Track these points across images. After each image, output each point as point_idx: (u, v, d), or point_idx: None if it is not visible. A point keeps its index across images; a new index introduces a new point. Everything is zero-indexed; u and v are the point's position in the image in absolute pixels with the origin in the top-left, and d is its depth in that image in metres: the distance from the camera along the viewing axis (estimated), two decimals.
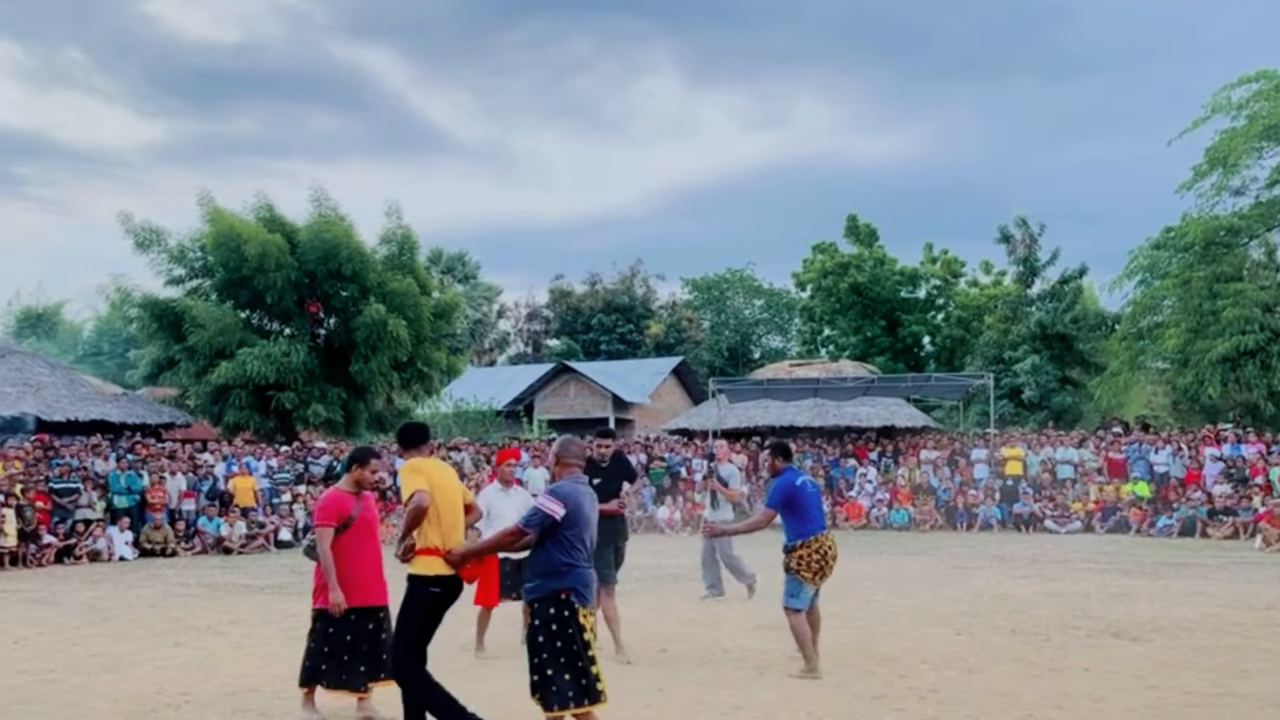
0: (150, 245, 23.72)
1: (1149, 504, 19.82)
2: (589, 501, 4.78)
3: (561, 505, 4.59)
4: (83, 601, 11.31)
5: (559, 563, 4.60)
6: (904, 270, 39.86)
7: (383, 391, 24.28)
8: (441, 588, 4.93)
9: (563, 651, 4.53)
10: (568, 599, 4.58)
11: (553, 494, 4.67)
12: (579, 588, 4.61)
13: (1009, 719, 5.56)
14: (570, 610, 4.57)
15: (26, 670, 7.30)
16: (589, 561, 4.73)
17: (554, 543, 4.60)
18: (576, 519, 4.63)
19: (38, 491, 16.04)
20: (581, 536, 4.66)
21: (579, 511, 4.65)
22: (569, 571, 4.61)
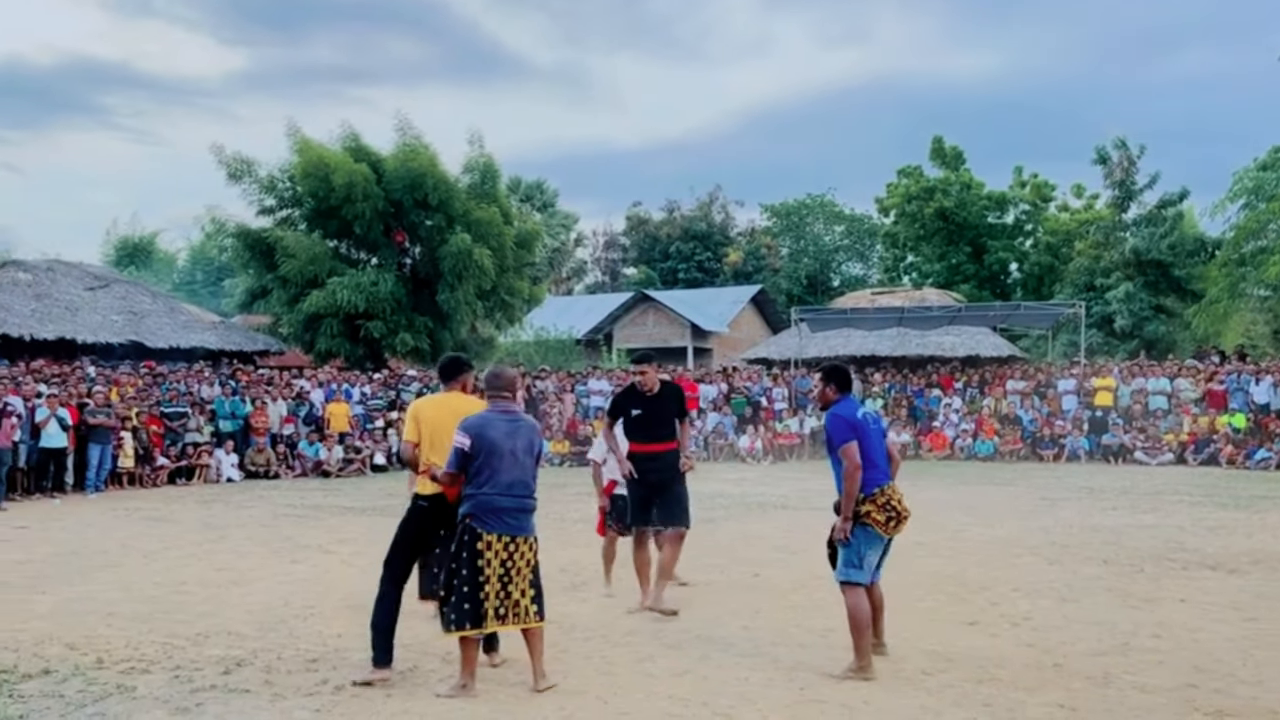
0: (242, 176, 24.16)
1: (1246, 436, 19.21)
2: (500, 430, 4.87)
3: (466, 437, 4.80)
4: (199, 520, 12.05)
5: (466, 491, 4.83)
6: (991, 195, 38.53)
7: (467, 320, 24.71)
8: (429, 503, 5.15)
9: (457, 574, 4.74)
10: (469, 524, 4.78)
11: (460, 427, 4.85)
12: (479, 514, 4.78)
13: (1105, 647, 5.61)
14: (470, 535, 4.77)
15: (161, 582, 7.89)
16: (505, 488, 4.81)
17: (469, 472, 4.82)
18: (480, 447, 4.79)
19: (150, 415, 16.96)
20: (489, 463, 4.80)
21: (482, 440, 4.79)
22: (470, 498, 4.81)
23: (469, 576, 4.74)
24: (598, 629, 6.19)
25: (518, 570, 4.83)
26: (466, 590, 4.72)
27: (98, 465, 15.25)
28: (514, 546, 4.82)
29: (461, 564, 4.76)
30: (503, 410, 5.00)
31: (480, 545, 4.77)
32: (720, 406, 22.35)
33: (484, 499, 4.80)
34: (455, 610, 4.74)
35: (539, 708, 4.62)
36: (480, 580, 4.73)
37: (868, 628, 5.16)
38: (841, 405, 5.44)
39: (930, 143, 38.73)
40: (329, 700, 4.74)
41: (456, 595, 4.74)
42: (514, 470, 4.86)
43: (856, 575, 5.19)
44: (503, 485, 4.81)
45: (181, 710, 4.58)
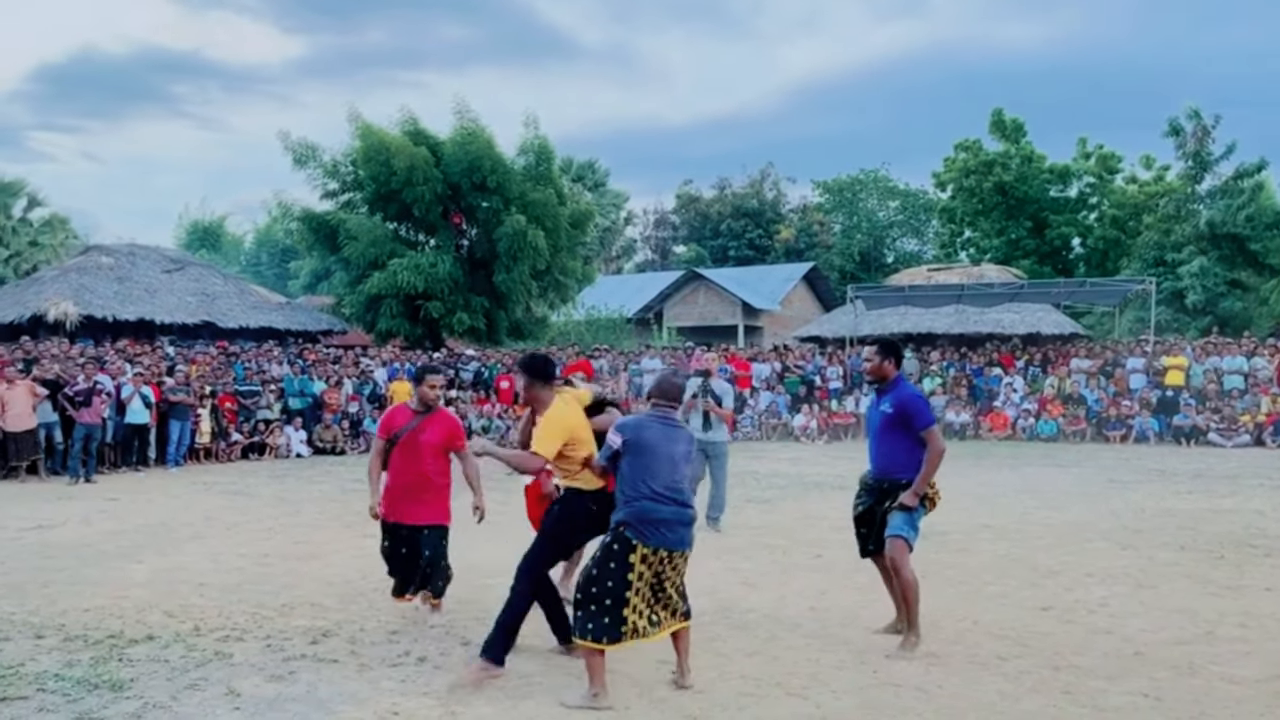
0: (306, 161, 24.62)
1: None
2: (657, 433, 4.55)
3: (619, 436, 4.55)
4: (273, 494, 12.44)
5: (622, 492, 4.51)
6: (1053, 167, 37.54)
7: (523, 300, 24.95)
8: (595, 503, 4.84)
9: (600, 583, 4.39)
10: (623, 533, 4.43)
11: (617, 426, 4.63)
12: (636, 523, 4.41)
13: (1188, 635, 5.52)
14: (622, 544, 4.41)
15: (245, 554, 8.19)
16: (662, 495, 4.46)
17: (622, 473, 4.53)
18: (639, 451, 4.49)
19: (225, 393, 17.51)
20: (646, 467, 4.46)
21: (638, 441, 4.50)
22: (626, 505, 4.47)
23: (615, 588, 4.37)
24: None
25: (670, 581, 4.52)
26: (609, 603, 4.36)
27: (178, 440, 15.84)
28: (669, 560, 4.48)
29: (608, 573, 4.39)
30: (662, 416, 4.69)
31: (633, 557, 4.40)
32: (774, 385, 22.29)
33: (641, 508, 4.45)
34: (593, 620, 4.38)
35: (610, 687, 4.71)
36: (626, 594, 4.37)
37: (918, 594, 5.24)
38: (909, 384, 5.54)
39: (989, 115, 37.87)
40: (413, 671, 4.91)
41: (596, 605, 4.38)
42: (671, 476, 4.53)
43: (915, 538, 5.27)
44: (659, 492, 4.47)
45: (277, 678, 4.78)
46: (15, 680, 4.72)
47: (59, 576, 7.23)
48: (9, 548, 8.51)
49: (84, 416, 14.02)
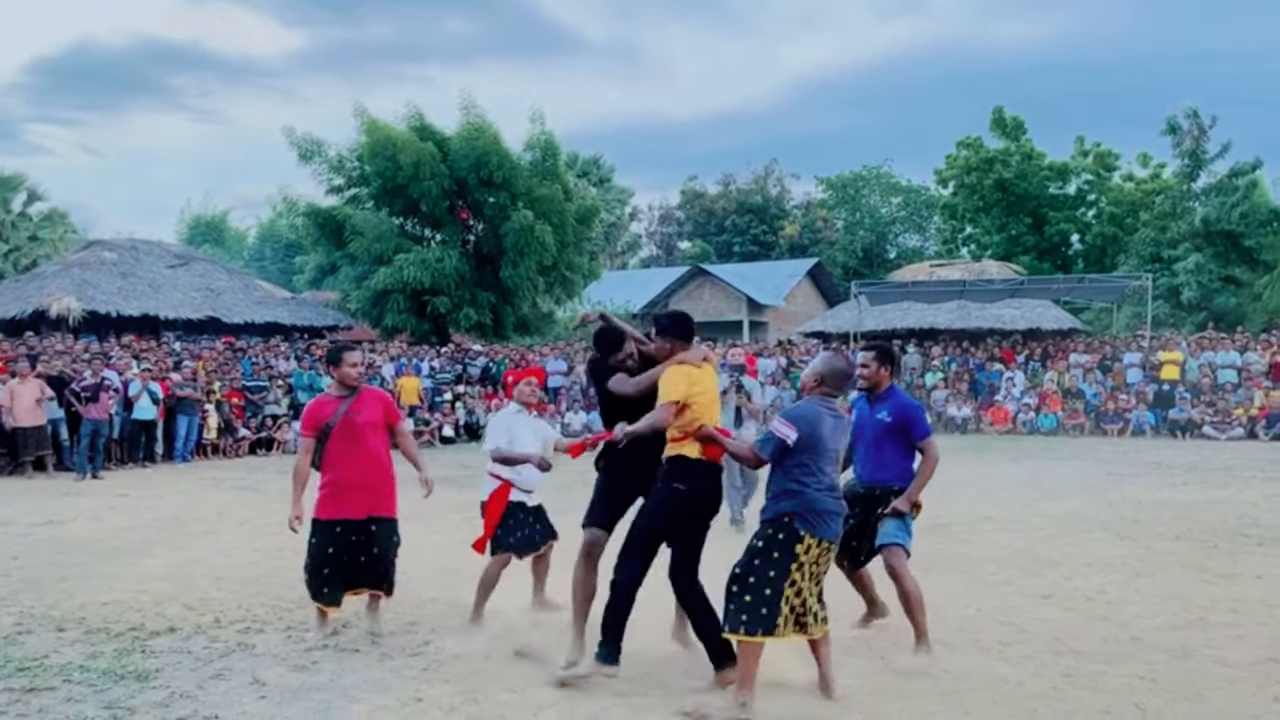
0: (312, 156, 24.69)
1: None
2: (828, 426, 4.45)
3: (793, 429, 4.38)
4: (282, 489, 12.36)
5: (791, 483, 4.39)
6: (1053, 165, 37.70)
7: (529, 296, 25.05)
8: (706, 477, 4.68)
9: (760, 573, 4.31)
10: (790, 523, 4.36)
11: (787, 416, 4.49)
12: (806, 514, 4.35)
13: (1182, 621, 5.69)
14: (789, 534, 4.34)
15: (259, 548, 8.33)
16: (829, 489, 4.41)
17: (789, 464, 4.41)
18: (811, 443, 4.40)
19: (232, 389, 17.63)
20: (816, 460, 4.40)
21: (812, 436, 4.39)
22: (793, 495, 4.37)
23: (775, 579, 4.28)
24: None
25: (819, 576, 4.46)
26: (768, 593, 4.27)
27: (185, 436, 15.95)
28: (826, 552, 4.44)
29: (770, 563, 4.31)
30: (830, 407, 4.55)
31: (799, 548, 4.33)
32: (779, 380, 22.42)
33: (811, 498, 4.36)
34: (747, 611, 4.26)
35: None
36: (784, 586, 4.29)
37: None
38: (904, 393, 5.48)
39: (990, 113, 38.00)
40: (433, 660, 5.06)
41: (753, 595, 4.27)
42: (833, 467, 4.48)
43: (910, 544, 5.19)
44: (826, 485, 4.40)
45: (300, 668, 4.93)
46: (41, 672, 4.86)
47: (75, 571, 7.36)
48: (22, 543, 8.63)
49: (91, 412, 14.05)
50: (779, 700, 4.41)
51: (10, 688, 4.59)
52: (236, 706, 4.35)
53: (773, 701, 4.37)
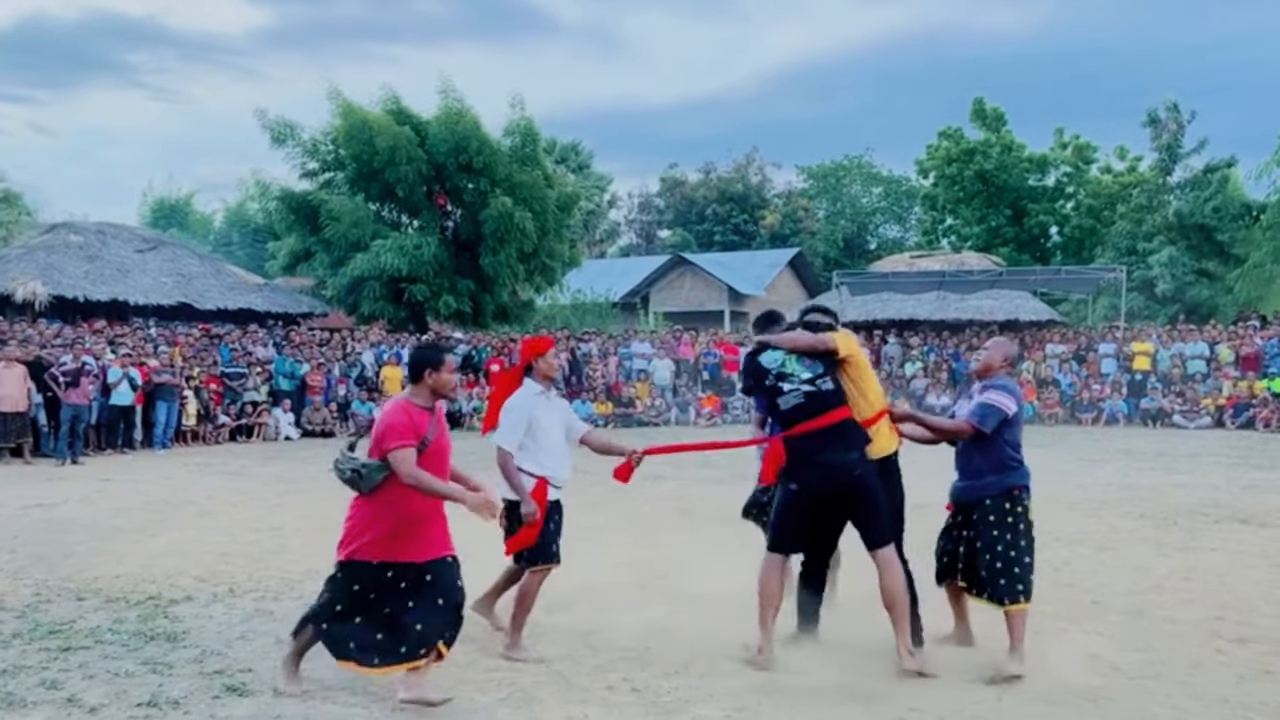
0: (285, 139, 24.32)
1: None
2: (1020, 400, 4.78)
3: (1013, 400, 4.67)
4: (270, 474, 12.75)
5: (1009, 458, 4.68)
6: (1032, 157, 38.31)
7: (509, 283, 24.95)
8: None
9: (1017, 545, 4.61)
10: (1020, 495, 4.70)
11: (1004, 390, 4.69)
12: (1028, 485, 4.76)
13: (1139, 588, 6.12)
14: (1023, 507, 4.71)
15: (258, 528, 8.56)
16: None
17: (1003, 438, 4.66)
18: (1018, 418, 4.76)
19: (210, 375, 17.68)
20: (1017, 436, 4.77)
21: (1020, 410, 4.76)
22: (1015, 469, 4.71)
23: (1027, 547, 4.67)
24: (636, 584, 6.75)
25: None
26: (1028, 561, 4.65)
27: (165, 423, 15.95)
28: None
29: (1019, 535, 4.66)
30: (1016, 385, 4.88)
31: (1031, 517, 4.75)
32: None
33: (1026, 471, 4.76)
34: (1023, 582, 4.61)
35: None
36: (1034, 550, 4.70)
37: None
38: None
39: (971, 104, 38.54)
40: None
41: (1021, 566, 4.61)
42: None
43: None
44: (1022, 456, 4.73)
45: None
46: (72, 634, 5.11)
47: (80, 549, 7.55)
48: (17, 524, 8.71)
49: (71, 397, 13.98)
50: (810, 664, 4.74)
51: (46, 648, 4.84)
52: (267, 662, 4.63)
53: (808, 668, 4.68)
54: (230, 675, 4.46)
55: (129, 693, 4.24)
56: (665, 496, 10.36)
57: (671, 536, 7.94)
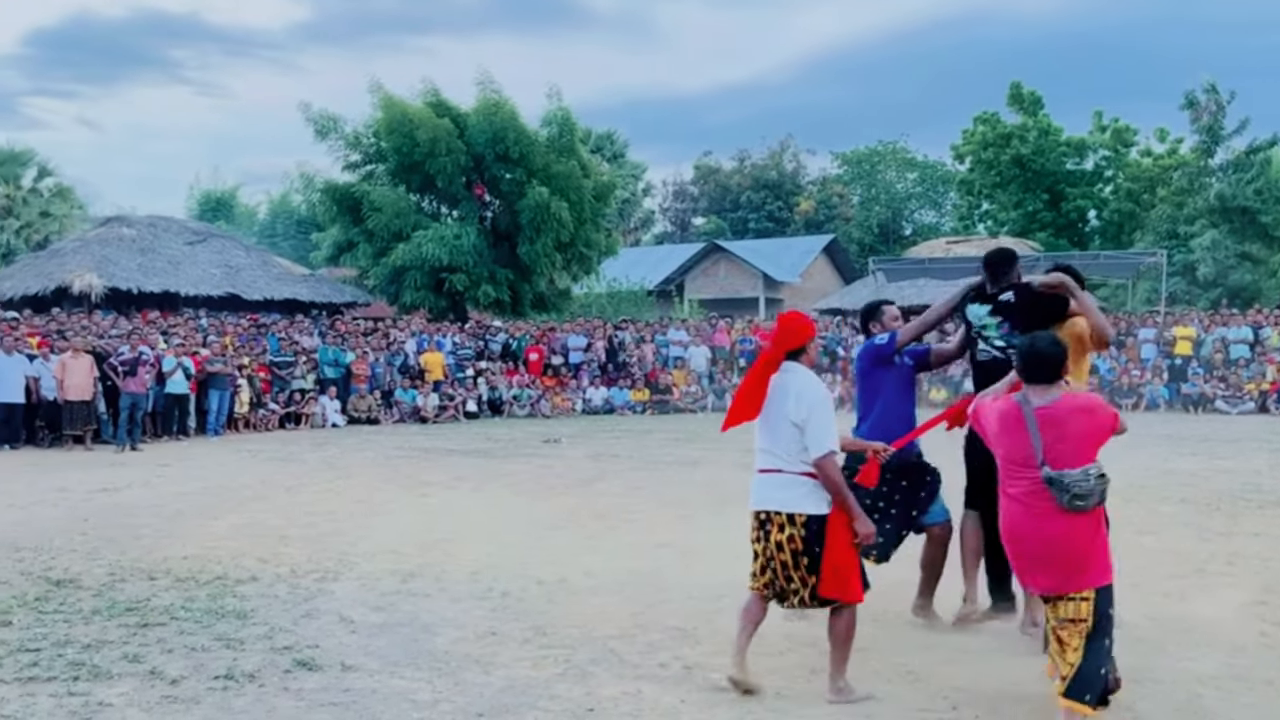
0: (328, 132, 24.87)
1: None
2: None
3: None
4: (320, 460, 13.09)
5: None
6: (1070, 141, 37.77)
7: (547, 272, 25.20)
8: None
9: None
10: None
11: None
12: None
13: (1180, 571, 6.17)
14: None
15: (313, 511, 8.85)
16: None
17: None
18: None
19: (260, 364, 18.15)
20: None
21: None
22: None
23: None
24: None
25: None
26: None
27: (217, 410, 16.47)
28: None
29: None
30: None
31: None
32: None
33: None
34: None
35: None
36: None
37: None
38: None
39: (1008, 88, 38.06)
40: (499, 602, 5.59)
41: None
42: None
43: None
44: None
45: (379, 608, 5.46)
46: (148, 611, 5.40)
47: (147, 531, 7.89)
48: (86, 507, 9.11)
49: (130, 386, 14.44)
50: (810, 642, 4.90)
51: (125, 624, 5.13)
52: (332, 639, 4.87)
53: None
54: (299, 651, 4.69)
55: (206, 666, 4.49)
56: (704, 482, 10.51)
57: (711, 521, 8.10)
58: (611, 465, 12.18)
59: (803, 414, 3.99)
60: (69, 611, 5.40)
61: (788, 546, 4.01)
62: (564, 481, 10.71)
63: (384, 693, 4.17)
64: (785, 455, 4.04)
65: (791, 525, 3.99)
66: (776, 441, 4.07)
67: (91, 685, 4.25)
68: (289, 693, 4.18)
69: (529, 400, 20.61)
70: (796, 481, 4.01)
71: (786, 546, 4.01)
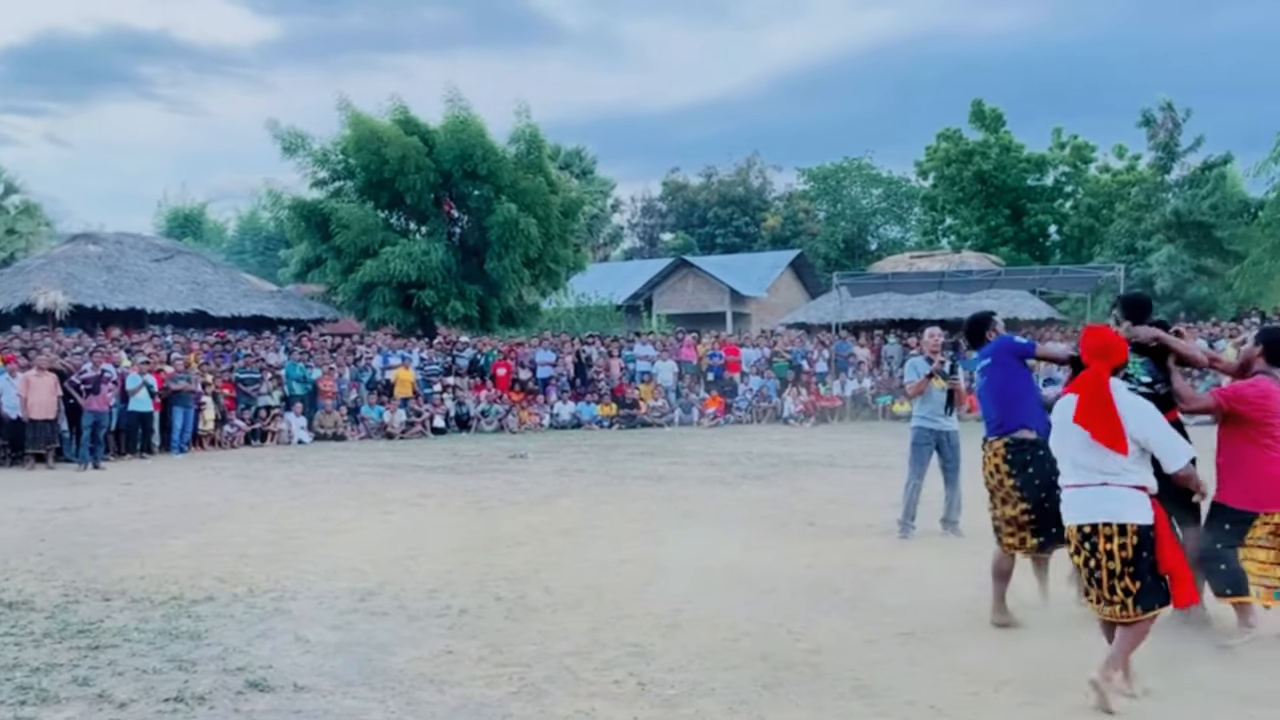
0: (296, 149, 24.87)
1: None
2: None
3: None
4: (285, 478, 12.98)
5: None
6: (1030, 157, 38.47)
7: (515, 288, 25.28)
8: None
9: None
10: None
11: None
12: None
13: None
14: None
15: (274, 530, 8.78)
16: None
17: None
18: None
19: (224, 380, 17.98)
20: None
21: None
22: None
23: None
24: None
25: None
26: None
27: (181, 428, 16.31)
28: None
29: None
30: None
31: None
32: (763, 370, 23.00)
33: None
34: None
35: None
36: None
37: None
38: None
39: (970, 105, 38.69)
40: (457, 620, 5.57)
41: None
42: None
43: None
44: None
45: (337, 627, 5.42)
46: (100, 633, 5.33)
47: (103, 551, 7.79)
48: (45, 527, 9.02)
49: (92, 404, 14.35)
50: (777, 642, 4.95)
51: (77, 646, 5.06)
52: (287, 659, 4.84)
53: (774, 642, 4.90)
54: (252, 671, 4.66)
55: (156, 689, 4.44)
56: (668, 497, 10.56)
57: (675, 536, 8.15)
58: (577, 480, 12.19)
59: (1145, 432, 4.16)
60: (20, 634, 5.32)
61: (1118, 555, 4.12)
62: (529, 497, 10.70)
63: (336, 713, 4.15)
64: (1114, 469, 4.15)
65: (1122, 535, 4.11)
66: (1104, 457, 4.16)
67: (38, 710, 4.20)
68: (239, 714, 4.15)
69: (497, 415, 20.56)
70: (1125, 494, 4.13)
71: (1117, 555, 4.12)
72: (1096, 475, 4.18)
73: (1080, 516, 4.21)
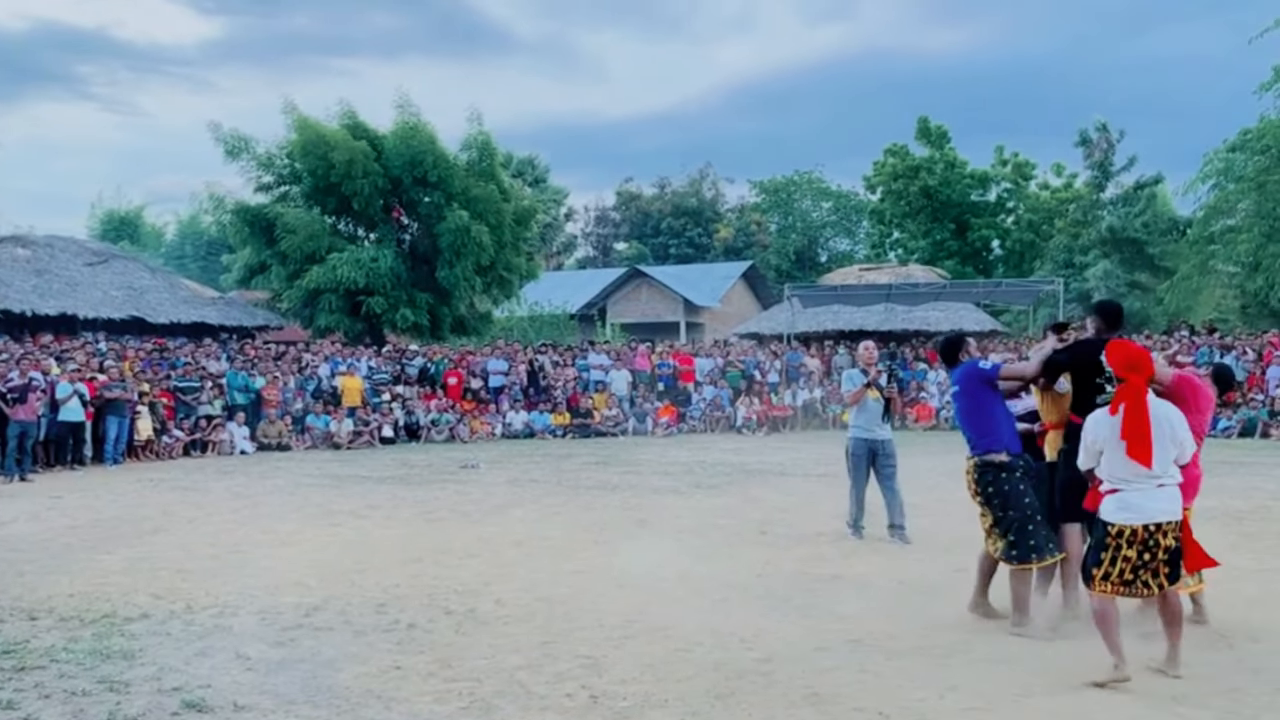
0: (239, 153, 24.28)
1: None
2: None
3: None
4: (226, 489, 12.61)
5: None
6: (974, 173, 39.40)
7: (466, 296, 25.03)
8: None
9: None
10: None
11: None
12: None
13: None
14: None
15: (215, 544, 8.50)
16: None
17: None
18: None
19: (162, 389, 17.45)
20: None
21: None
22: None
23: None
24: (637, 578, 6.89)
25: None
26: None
27: (115, 438, 15.73)
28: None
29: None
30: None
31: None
32: (716, 380, 23.06)
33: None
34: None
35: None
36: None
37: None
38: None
39: (916, 122, 39.47)
40: (405, 635, 5.43)
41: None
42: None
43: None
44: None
45: (279, 644, 5.25)
46: (27, 654, 5.08)
47: (30, 567, 7.45)
48: None
49: (19, 414, 13.79)
50: (729, 651, 4.91)
51: (0, 668, 4.82)
52: (226, 678, 4.66)
53: (726, 652, 4.85)
54: (189, 691, 4.48)
55: (86, 711, 4.25)
56: (621, 506, 10.48)
57: (629, 545, 8.08)
58: (530, 490, 12.05)
59: (1181, 433, 4.68)
60: None
61: (1174, 547, 4.62)
62: (480, 508, 10.54)
63: None
64: (1170, 471, 4.64)
65: (1175, 529, 4.63)
66: (1164, 461, 4.62)
67: None
68: None
69: (447, 425, 20.30)
70: (1176, 493, 4.65)
71: (1173, 547, 4.62)
72: (1158, 479, 4.61)
73: (1154, 515, 4.57)
